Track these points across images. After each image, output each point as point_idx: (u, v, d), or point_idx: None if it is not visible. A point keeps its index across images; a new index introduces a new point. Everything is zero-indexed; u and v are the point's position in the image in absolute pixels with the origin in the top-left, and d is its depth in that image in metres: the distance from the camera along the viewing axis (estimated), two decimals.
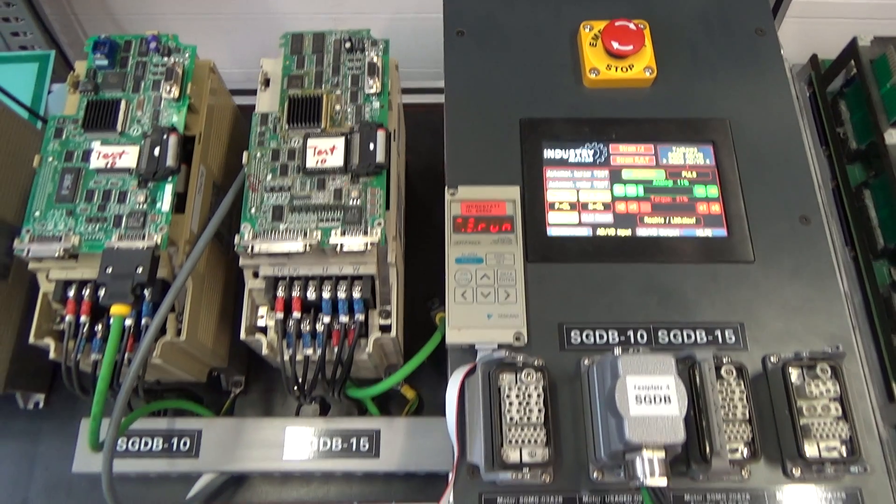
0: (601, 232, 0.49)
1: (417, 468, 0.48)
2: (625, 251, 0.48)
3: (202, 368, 0.49)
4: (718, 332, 0.46)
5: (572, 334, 0.46)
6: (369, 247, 0.40)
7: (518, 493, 0.43)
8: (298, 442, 0.48)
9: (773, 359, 0.45)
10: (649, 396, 0.36)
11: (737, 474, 0.42)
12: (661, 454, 0.36)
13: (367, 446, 0.48)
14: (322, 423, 0.49)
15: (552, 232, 0.48)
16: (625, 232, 0.49)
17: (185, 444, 0.48)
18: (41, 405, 0.54)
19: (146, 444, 0.48)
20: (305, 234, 0.40)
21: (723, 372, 0.42)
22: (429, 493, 0.49)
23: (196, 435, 0.48)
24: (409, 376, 0.55)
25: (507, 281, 0.47)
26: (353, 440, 0.48)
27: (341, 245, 0.40)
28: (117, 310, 0.38)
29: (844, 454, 0.41)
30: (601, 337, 0.46)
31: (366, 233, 0.41)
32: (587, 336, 0.46)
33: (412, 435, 0.49)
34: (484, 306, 0.46)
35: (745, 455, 0.41)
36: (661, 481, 0.36)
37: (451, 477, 0.42)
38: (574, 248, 0.48)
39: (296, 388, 0.44)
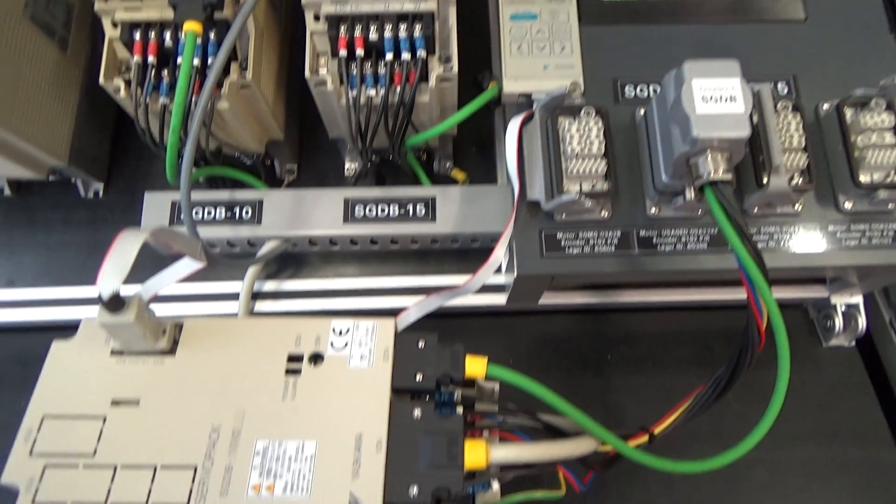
0: None
1: (473, 230, 0.49)
2: (677, 12, 0.49)
3: (261, 136, 0.50)
4: (771, 84, 0.46)
5: (626, 88, 0.47)
6: None
7: (576, 229, 0.44)
8: (357, 209, 0.49)
9: (825, 105, 0.45)
10: (715, 96, 0.37)
11: (791, 202, 0.43)
12: (726, 153, 0.37)
13: (423, 212, 0.50)
14: (379, 191, 0.50)
15: None
16: None
17: (247, 212, 0.50)
18: (101, 194, 0.56)
19: (209, 213, 0.50)
20: None
21: (778, 107, 0.43)
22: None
23: (258, 204, 0.50)
24: (458, 159, 0.56)
25: (562, 35, 0.47)
26: (410, 206, 0.50)
27: None
28: (190, 26, 0.38)
29: None
30: (655, 91, 0.46)
31: None
32: (641, 90, 0.47)
33: (466, 201, 0.50)
34: (540, 58, 0.46)
35: (799, 183, 0.42)
36: (726, 176, 0.37)
37: (511, 217, 0.44)
38: (626, 10, 0.48)
39: (359, 137, 0.45)
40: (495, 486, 0.33)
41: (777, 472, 0.49)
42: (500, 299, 0.52)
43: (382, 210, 0.50)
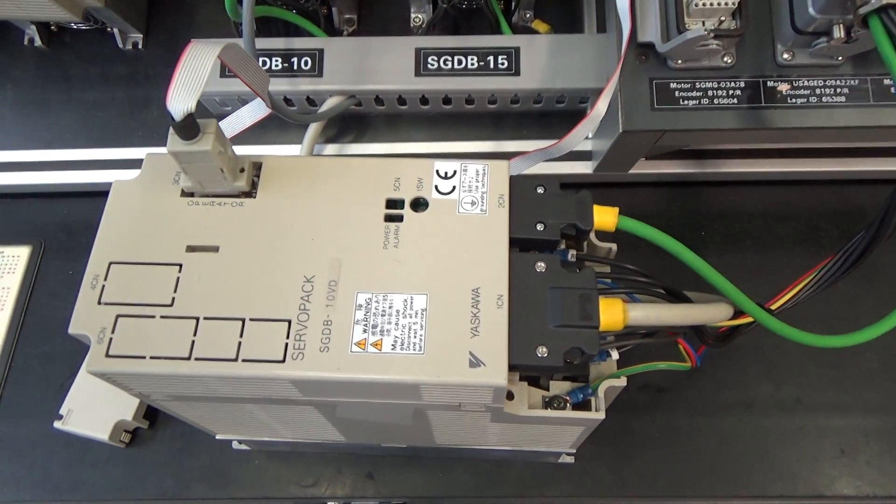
0: None
1: (563, 85, 0.43)
2: None
3: None
4: None
5: None
6: None
7: (694, 78, 0.38)
8: (430, 60, 0.44)
9: None
10: None
11: None
12: None
13: (505, 64, 0.44)
14: (455, 41, 0.44)
15: None
16: None
17: (306, 63, 0.44)
18: (140, 45, 0.50)
19: (264, 63, 0.44)
20: None
21: None
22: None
23: (318, 54, 0.44)
24: (539, 10, 0.50)
25: None
26: (490, 58, 0.44)
27: None
28: None
29: None
30: None
31: None
32: None
33: (554, 53, 0.44)
34: None
35: None
36: None
37: (619, 63, 0.38)
38: None
39: None
40: (615, 354, 0.29)
41: (889, 363, 0.45)
42: (584, 168, 0.47)
43: (459, 62, 0.44)
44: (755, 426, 0.43)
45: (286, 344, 0.25)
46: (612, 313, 0.26)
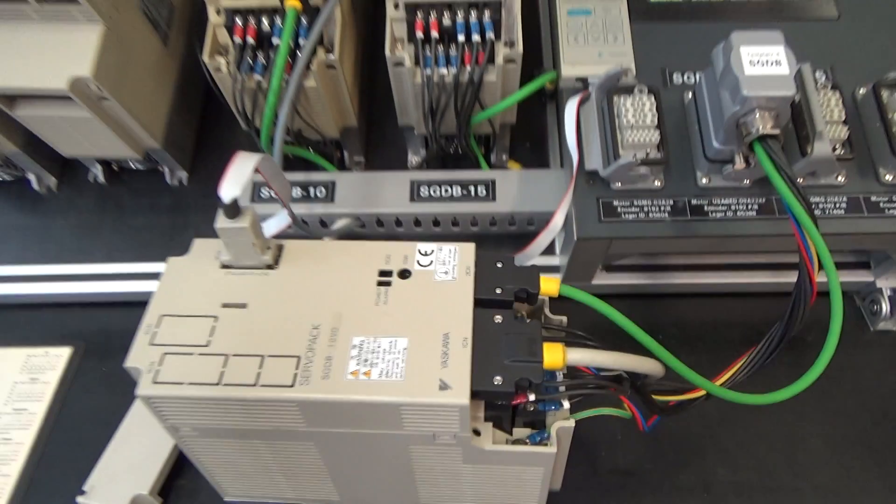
0: None
1: (531, 209, 0.53)
2: (717, 11, 0.53)
3: (338, 120, 0.55)
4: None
5: (674, 75, 0.51)
6: None
7: (631, 197, 0.47)
8: (422, 189, 0.53)
9: (862, 90, 0.49)
10: (762, 60, 0.41)
11: (834, 171, 0.46)
12: (774, 112, 0.40)
13: (484, 192, 0.53)
14: (443, 174, 0.54)
15: None
16: None
17: (321, 191, 0.54)
18: (185, 181, 0.61)
19: None
20: None
21: (818, 86, 0.46)
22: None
23: (331, 185, 0.54)
24: (513, 153, 0.60)
25: (614, 28, 0.52)
26: (472, 188, 0.54)
27: None
28: (291, 3, 0.44)
29: None
30: (700, 79, 0.50)
31: None
32: (688, 77, 0.51)
33: (524, 183, 0.54)
34: (594, 47, 0.51)
35: (841, 153, 0.45)
36: (774, 131, 0.40)
37: (570, 185, 0.47)
38: (671, 9, 0.53)
39: (430, 117, 0.49)
40: (566, 404, 0.35)
41: (832, 445, 0.50)
42: None
43: (446, 190, 0.54)
44: None
45: (295, 373, 0.31)
46: (554, 354, 0.32)
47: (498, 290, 0.35)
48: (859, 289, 0.56)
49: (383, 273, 0.35)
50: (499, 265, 0.36)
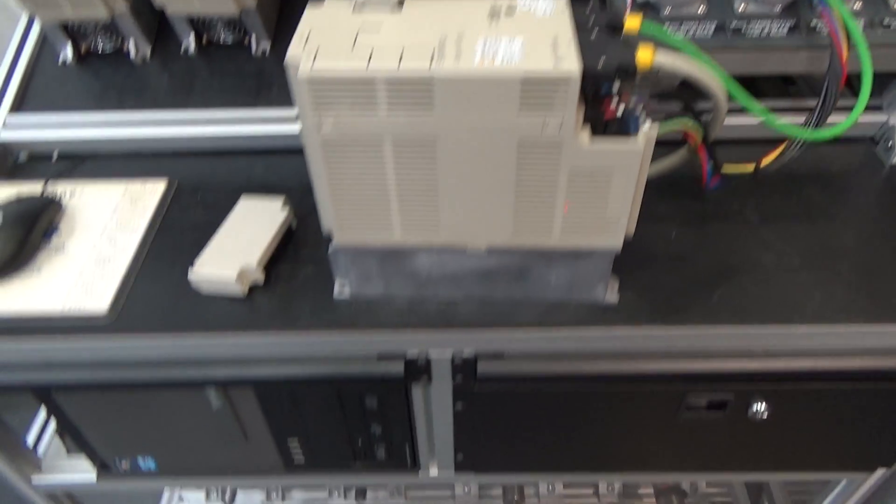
0: None
1: None
2: None
3: None
4: None
5: None
6: None
7: (679, 20, 0.55)
8: None
9: None
10: None
11: None
12: None
13: None
14: None
15: None
16: None
17: None
18: (268, 53, 0.67)
19: None
20: None
21: None
22: None
23: None
24: None
25: None
26: None
27: None
28: None
29: None
30: None
31: None
32: None
33: None
34: None
35: None
36: None
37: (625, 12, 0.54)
38: None
39: None
40: (648, 124, 0.41)
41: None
42: None
43: None
44: None
45: (431, 57, 0.38)
46: (645, 53, 0.39)
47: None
48: (873, 133, 0.63)
49: (493, 12, 0.42)
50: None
